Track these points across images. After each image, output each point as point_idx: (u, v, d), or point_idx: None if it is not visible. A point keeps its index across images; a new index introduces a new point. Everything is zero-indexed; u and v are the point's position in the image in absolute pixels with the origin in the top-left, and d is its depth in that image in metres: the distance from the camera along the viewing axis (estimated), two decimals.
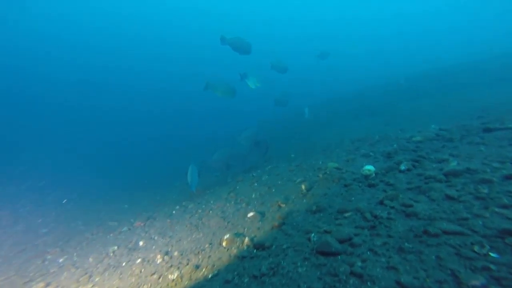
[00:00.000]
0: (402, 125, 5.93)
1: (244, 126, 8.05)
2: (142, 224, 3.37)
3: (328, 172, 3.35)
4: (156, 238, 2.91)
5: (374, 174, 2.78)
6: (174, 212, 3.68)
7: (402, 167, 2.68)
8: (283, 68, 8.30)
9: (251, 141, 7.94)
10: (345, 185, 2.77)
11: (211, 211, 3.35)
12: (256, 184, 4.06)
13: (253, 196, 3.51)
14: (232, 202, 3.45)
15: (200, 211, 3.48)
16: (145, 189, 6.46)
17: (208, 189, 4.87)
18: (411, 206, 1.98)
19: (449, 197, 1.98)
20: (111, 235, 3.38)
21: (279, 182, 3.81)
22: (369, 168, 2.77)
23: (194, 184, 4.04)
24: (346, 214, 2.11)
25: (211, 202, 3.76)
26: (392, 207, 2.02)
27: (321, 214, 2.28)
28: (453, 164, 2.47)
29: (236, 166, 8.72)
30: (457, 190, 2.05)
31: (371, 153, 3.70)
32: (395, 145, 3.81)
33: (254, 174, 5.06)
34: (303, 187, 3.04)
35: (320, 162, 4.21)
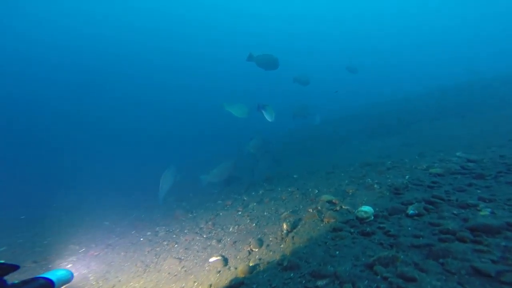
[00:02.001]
0: (422, 149, 5.11)
1: (250, 136, 7.71)
2: (95, 254, 2.99)
3: (319, 208, 2.76)
4: (91, 278, 2.46)
5: (372, 217, 2.16)
6: (141, 239, 3.28)
7: (411, 211, 2.04)
8: (305, 81, 8.35)
9: (260, 149, 7.54)
10: (334, 229, 2.18)
11: (175, 245, 2.89)
12: (240, 213, 3.55)
13: (230, 229, 3.00)
14: (204, 236, 2.97)
15: (165, 243, 3.03)
16: (137, 204, 6.21)
17: (194, 210, 4.44)
18: (413, 280, 1.36)
19: (478, 272, 1.33)
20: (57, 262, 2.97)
21: (265, 213, 3.27)
22: (366, 210, 2.16)
23: (161, 196, 3.68)
24: (320, 283, 1.52)
25: (185, 231, 3.31)
26: (385, 279, 1.41)
27: (291, 274, 1.71)
28: (484, 214, 1.79)
29: (238, 181, 8.27)
30: (492, 261, 1.38)
31: (376, 185, 3.04)
32: (407, 177, 3.12)
33: (245, 198, 4.56)
34: (285, 226, 2.49)
35: (316, 191, 3.61)
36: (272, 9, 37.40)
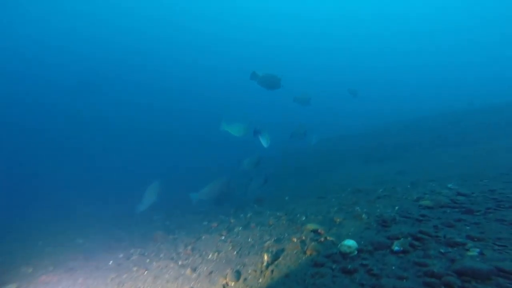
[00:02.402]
0: (415, 178, 5.03)
1: (244, 155, 7.62)
2: (46, 280, 2.70)
3: (303, 238, 2.61)
4: None
5: (356, 252, 2.02)
6: (110, 263, 3.00)
7: (396, 247, 1.92)
8: (305, 100, 8.27)
9: (255, 168, 7.43)
10: (316, 264, 2.03)
11: (145, 272, 2.67)
12: (223, 238, 3.36)
13: (209, 256, 2.80)
14: (179, 263, 2.76)
15: (135, 269, 2.80)
16: (119, 221, 5.93)
17: (177, 231, 4.21)
18: None
19: None
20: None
21: (249, 239, 3.09)
22: (350, 244, 2.03)
23: (140, 209, 3.54)
24: None
25: (161, 255, 3.09)
26: None
27: None
28: (472, 254, 1.67)
29: (229, 200, 8.00)
30: None
31: (364, 215, 2.92)
32: (397, 207, 3.01)
33: (232, 220, 4.37)
34: (265, 258, 2.32)
35: (304, 218, 3.46)
36: (273, 21, 39.09)
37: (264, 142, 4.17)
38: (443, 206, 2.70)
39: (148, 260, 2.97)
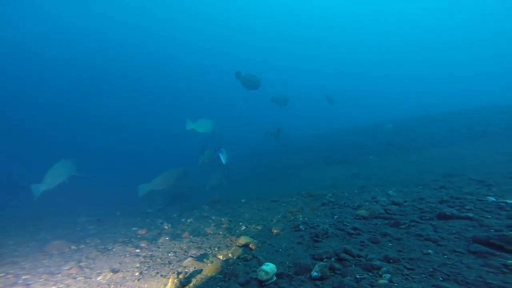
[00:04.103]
0: (365, 183, 5.15)
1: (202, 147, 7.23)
2: None
3: (230, 255, 2.32)
4: None
5: (274, 278, 1.78)
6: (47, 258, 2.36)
7: (314, 273, 1.72)
8: (283, 101, 8.51)
9: (215, 161, 7.20)
10: None
11: None
12: (138, 251, 2.90)
13: (98, 278, 2.32)
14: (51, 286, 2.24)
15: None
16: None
17: (89, 239, 3.62)
18: None
19: None
20: None
21: (170, 254, 2.70)
22: (267, 270, 1.78)
23: (38, 191, 3.17)
24: None
25: (34, 274, 2.50)
26: None
27: None
28: (383, 282, 1.53)
29: (184, 199, 7.51)
30: None
31: (302, 226, 2.75)
32: (336, 217, 2.90)
33: (166, 226, 3.92)
34: (170, 284, 1.94)
35: (243, 228, 3.20)
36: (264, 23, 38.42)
37: (223, 158, 4.35)
38: (376, 216, 2.64)
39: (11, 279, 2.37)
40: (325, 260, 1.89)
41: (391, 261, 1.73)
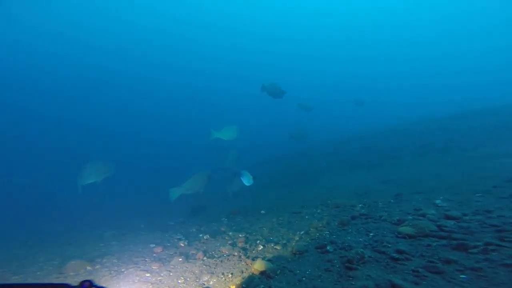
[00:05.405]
0: (400, 189, 4.45)
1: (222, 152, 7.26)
2: None
3: (244, 286, 1.94)
4: None
5: None
6: None
7: None
8: (309, 107, 8.89)
9: (237, 164, 7.27)
10: None
11: None
12: (148, 275, 2.63)
13: None
14: None
15: None
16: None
17: (106, 258, 3.47)
18: None
19: None
20: None
21: (180, 280, 2.39)
22: None
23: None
24: None
25: None
26: None
27: None
28: None
29: (206, 210, 7.33)
30: None
31: (329, 247, 2.28)
32: (371, 235, 2.38)
33: (182, 244, 3.66)
34: None
35: (260, 248, 2.80)
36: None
37: (245, 181, 4.12)
38: (427, 235, 2.08)
39: None
40: None
41: None
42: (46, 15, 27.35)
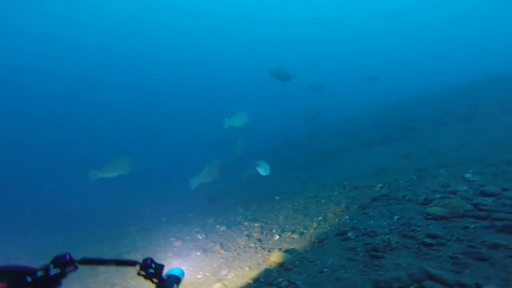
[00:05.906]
0: (422, 163, 4.13)
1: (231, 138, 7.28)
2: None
3: (262, 280, 1.85)
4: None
5: None
6: None
7: None
8: (318, 86, 9.15)
9: (247, 150, 7.31)
10: None
11: None
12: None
13: None
14: None
15: None
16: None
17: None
18: None
19: None
20: None
21: (200, 275, 2.37)
22: None
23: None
24: None
25: None
26: None
27: None
28: None
29: (221, 200, 7.44)
30: None
31: (351, 233, 2.13)
32: (395, 217, 2.20)
33: (200, 237, 3.67)
34: None
35: (277, 237, 2.71)
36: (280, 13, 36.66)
37: (262, 171, 4.31)
38: (462, 215, 1.87)
39: None
40: None
41: None
42: (46, 15, 27.25)
